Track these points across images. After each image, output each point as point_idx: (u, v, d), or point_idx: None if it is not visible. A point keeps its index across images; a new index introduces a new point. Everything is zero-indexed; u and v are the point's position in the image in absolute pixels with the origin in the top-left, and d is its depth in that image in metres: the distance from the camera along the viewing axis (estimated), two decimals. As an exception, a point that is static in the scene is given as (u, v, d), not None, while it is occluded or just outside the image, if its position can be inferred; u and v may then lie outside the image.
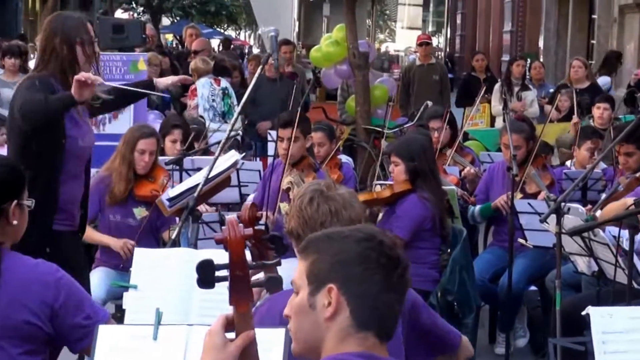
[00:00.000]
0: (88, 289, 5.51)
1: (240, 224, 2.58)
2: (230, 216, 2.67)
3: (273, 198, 6.58)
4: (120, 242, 6.54)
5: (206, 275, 2.51)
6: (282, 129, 6.81)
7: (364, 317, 2.44)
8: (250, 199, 7.09)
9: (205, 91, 11.00)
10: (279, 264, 2.75)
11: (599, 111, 9.80)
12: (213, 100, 11.00)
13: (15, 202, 3.48)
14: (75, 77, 4.88)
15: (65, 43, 5.14)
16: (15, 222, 3.48)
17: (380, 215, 6.59)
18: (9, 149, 5.35)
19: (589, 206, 6.79)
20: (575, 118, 9.81)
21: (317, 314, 2.45)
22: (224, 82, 11.28)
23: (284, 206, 6.47)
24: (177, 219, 5.95)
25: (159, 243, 6.63)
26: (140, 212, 6.68)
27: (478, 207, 7.44)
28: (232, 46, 26.03)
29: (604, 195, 6.49)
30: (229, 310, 2.52)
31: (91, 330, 3.49)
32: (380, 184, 6.83)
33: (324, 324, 2.44)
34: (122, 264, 6.43)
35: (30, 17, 33.77)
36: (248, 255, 3.33)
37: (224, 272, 2.51)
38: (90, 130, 5.41)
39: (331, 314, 2.43)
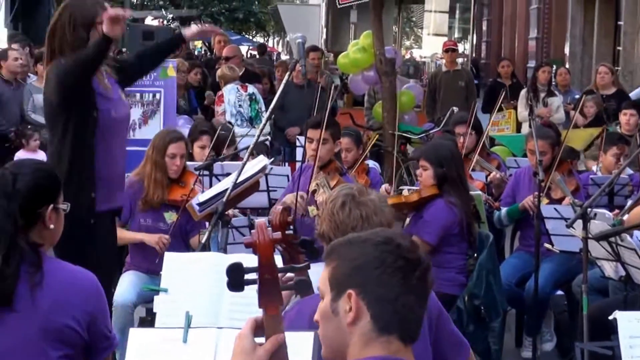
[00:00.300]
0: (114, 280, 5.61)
1: (269, 228, 2.60)
2: (260, 220, 2.70)
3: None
4: (155, 237, 6.53)
5: (235, 278, 2.52)
6: (312, 130, 6.81)
7: (384, 321, 2.44)
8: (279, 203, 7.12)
9: (232, 97, 11.08)
10: (308, 267, 2.77)
11: (626, 117, 9.78)
12: (240, 105, 11.07)
13: (51, 206, 3.52)
14: (105, 15, 4.88)
15: (84, 27, 5.17)
16: (52, 226, 3.52)
17: (407, 220, 6.62)
18: (49, 138, 5.35)
19: (616, 211, 6.79)
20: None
21: (339, 319, 2.46)
22: (251, 88, 11.34)
23: (312, 209, 6.50)
24: (207, 223, 5.99)
25: (189, 247, 6.66)
26: (170, 217, 6.68)
27: (505, 209, 7.45)
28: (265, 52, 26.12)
29: (630, 201, 6.49)
30: (259, 313, 2.52)
31: (112, 343, 3.55)
32: (407, 189, 6.85)
33: (347, 329, 2.45)
34: (157, 259, 6.42)
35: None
36: (279, 260, 3.36)
37: (253, 275, 2.51)
38: (123, 102, 5.41)
39: (352, 319, 2.44)
